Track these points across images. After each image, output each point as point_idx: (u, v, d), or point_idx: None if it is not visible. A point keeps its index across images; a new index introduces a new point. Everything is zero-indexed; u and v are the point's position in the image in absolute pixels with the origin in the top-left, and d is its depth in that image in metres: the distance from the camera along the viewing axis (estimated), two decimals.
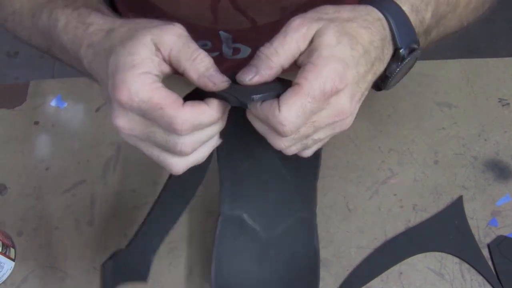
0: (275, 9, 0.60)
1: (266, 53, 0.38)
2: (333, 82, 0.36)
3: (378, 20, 0.41)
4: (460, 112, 0.75)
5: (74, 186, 0.72)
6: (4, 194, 0.72)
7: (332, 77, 0.36)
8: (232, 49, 0.68)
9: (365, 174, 0.70)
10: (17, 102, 0.79)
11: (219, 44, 0.67)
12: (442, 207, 0.68)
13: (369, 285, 0.63)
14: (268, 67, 0.38)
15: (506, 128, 0.73)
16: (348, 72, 0.37)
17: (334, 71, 0.37)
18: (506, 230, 0.66)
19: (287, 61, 0.38)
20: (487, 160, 0.71)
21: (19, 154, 0.75)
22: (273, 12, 0.60)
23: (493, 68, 0.79)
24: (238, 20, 0.61)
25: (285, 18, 0.61)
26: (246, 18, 0.61)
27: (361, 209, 0.68)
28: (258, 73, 0.38)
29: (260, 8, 0.59)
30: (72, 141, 0.75)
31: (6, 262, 0.64)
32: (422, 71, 0.78)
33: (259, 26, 0.62)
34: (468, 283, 0.63)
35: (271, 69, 0.38)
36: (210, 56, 0.38)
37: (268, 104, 0.37)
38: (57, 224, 0.69)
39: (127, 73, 0.35)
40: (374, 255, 0.65)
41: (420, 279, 0.63)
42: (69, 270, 0.66)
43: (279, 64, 0.38)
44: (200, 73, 0.37)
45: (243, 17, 0.60)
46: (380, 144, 0.73)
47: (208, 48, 0.69)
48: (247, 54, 0.69)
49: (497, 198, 0.68)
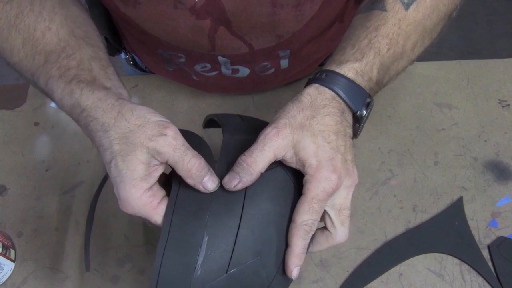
0: (271, 36, 0.62)
1: (247, 163, 0.44)
2: (328, 183, 0.44)
3: (332, 99, 0.47)
4: (460, 113, 0.75)
5: (74, 187, 0.72)
6: (4, 195, 0.72)
7: (327, 179, 0.44)
8: (231, 70, 0.70)
9: (365, 175, 0.70)
10: (17, 103, 0.79)
11: (218, 66, 0.69)
12: (442, 208, 0.68)
13: (369, 286, 0.63)
14: (249, 174, 0.44)
15: (506, 129, 0.73)
16: (336, 163, 0.45)
17: (327, 174, 0.44)
18: (506, 231, 0.66)
19: (265, 167, 0.45)
20: (487, 161, 0.71)
21: (19, 155, 0.75)
22: (270, 39, 0.63)
23: (493, 69, 0.79)
24: (236, 46, 0.63)
25: (281, 44, 0.63)
26: (243, 44, 0.63)
27: (361, 210, 0.68)
28: (241, 181, 0.44)
29: (257, 36, 0.62)
30: (72, 142, 0.75)
31: (6, 263, 0.64)
32: (422, 72, 0.78)
33: (256, 51, 0.64)
34: (468, 284, 0.63)
35: (252, 175, 0.44)
36: (209, 74, 0.41)
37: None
38: (57, 225, 0.69)
39: (129, 191, 0.43)
40: (374, 256, 0.65)
41: (420, 280, 0.63)
42: (69, 271, 0.66)
43: (258, 171, 0.45)
44: (196, 182, 0.44)
45: (240, 42, 0.62)
46: (380, 145, 0.73)
47: (207, 69, 0.70)
48: (246, 74, 0.71)
49: (497, 199, 0.68)
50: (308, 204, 0.45)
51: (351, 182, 0.47)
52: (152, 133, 0.43)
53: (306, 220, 0.45)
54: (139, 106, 0.45)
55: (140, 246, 0.67)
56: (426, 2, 0.53)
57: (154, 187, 0.45)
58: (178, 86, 0.79)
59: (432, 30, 0.55)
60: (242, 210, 0.44)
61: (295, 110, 0.46)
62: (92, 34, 0.54)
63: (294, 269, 0.46)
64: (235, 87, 0.75)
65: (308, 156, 0.45)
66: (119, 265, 0.66)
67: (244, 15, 0.57)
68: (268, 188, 0.46)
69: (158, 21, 0.59)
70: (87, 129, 0.46)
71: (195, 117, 0.77)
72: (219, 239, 0.43)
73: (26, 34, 0.51)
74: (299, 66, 0.74)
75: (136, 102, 0.76)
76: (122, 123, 0.44)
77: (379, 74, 0.50)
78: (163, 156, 0.43)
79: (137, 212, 0.44)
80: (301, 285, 0.64)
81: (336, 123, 0.46)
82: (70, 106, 0.47)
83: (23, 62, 0.52)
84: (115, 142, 0.44)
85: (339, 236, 0.47)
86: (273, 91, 0.78)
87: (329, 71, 0.49)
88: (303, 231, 0.45)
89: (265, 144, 0.45)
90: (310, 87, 0.48)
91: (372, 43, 0.50)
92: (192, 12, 0.57)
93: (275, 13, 0.58)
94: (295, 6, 0.58)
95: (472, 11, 2.00)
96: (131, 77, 0.82)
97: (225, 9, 0.57)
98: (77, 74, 0.48)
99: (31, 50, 0.51)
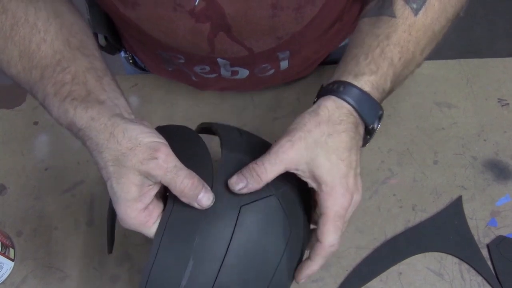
0: (271, 38, 0.62)
1: (257, 171, 0.45)
2: (345, 199, 0.46)
3: (350, 114, 0.48)
4: (460, 112, 0.75)
5: (73, 186, 0.72)
6: (3, 194, 0.72)
7: (343, 195, 0.46)
8: (231, 72, 0.70)
9: (365, 174, 0.70)
10: (16, 102, 0.79)
11: (218, 68, 0.69)
12: (442, 207, 0.68)
13: (368, 285, 0.63)
14: (257, 183, 0.45)
15: (506, 128, 0.73)
16: (349, 180, 0.46)
17: (342, 191, 0.46)
18: (505, 230, 0.66)
19: (273, 178, 0.45)
20: (486, 160, 0.71)
21: (19, 154, 0.75)
22: (269, 41, 0.63)
23: (493, 69, 0.79)
24: (235, 49, 0.63)
25: (281, 45, 0.63)
26: (243, 48, 0.63)
27: (361, 209, 0.68)
28: (247, 186, 0.45)
29: (257, 39, 0.62)
30: (72, 141, 0.75)
31: (6, 262, 0.64)
32: (422, 71, 0.78)
33: (256, 54, 0.64)
34: (468, 283, 0.63)
35: (259, 184, 0.45)
36: (209, 76, 0.41)
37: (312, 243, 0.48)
38: (57, 224, 0.69)
39: (124, 211, 0.44)
40: (373, 255, 0.65)
41: (419, 279, 0.63)
42: (69, 270, 0.66)
43: (266, 181, 0.45)
44: (191, 201, 0.44)
45: (240, 46, 0.62)
46: (379, 144, 0.73)
47: (206, 71, 0.70)
48: (245, 75, 0.71)
49: (497, 198, 0.68)
50: (332, 223, 0.46)
51: (359, 198, 0.48)
52: (143, 156, 0.43)
53: (332, 240, 0.46)
54: (132, 125, 0.45)
55: (139, 245, 0.67)
56: (434, 6, 0.53)
57: (150, 206, 0.45)
58: (178, 85, 0.79)
59: (440, 32, 0.55)
60: (231, 236, 0.44)
61: (312, 124, 0.46)
62: (87, 43, 0.54)
63: (303, 279, 0.48)
64: (235, 87, 0.75)
65: (323, 174, 0.45)
66: (119, 264, 0.66)
67: (244, 18, 0.57)
68: (260, 217, 0.45)
69: (157, 23, 0.59)
70: (85, 146, 0.47)
71: (195, 116, 0.77)
72: (205, 264, 0.43)
73: (22, 46, 0.51)
74: (299, 66, 0.74)
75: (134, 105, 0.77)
76: (114, 145, 0.44)
77: (391, 85, 0.51)
78: (155, 179, 0.44)
79: (133, 229, 0.45)
80: (301, 284, 0.63)
81: (351, 139, 0.47)
82: (66, 124, 0.48)
83: (21, 75, 0.52)
84: (109, 163, 0.44)
85: (328, 242, 0.48)
86: (273, 90, 0.78)
87: (347, 84, 0.48)
88: (330, 252, 0.46)
89: (277, 156, 0.45)
90: (327, 99, 0.48)
91: (384, 52, 0.50)
92: (191, 15, 0.57)
93: (275, 15, 0.58)
94: (296, 8, 0.57)
95: (472, 10, 2.00)
96: (131, 76, 0.82)
97: (225, 12, 0.56)
98: (71, 90, 0.48)
99: (28, 64, 0.51)
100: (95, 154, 0.45)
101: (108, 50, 0.75)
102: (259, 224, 0.45)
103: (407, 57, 0.52)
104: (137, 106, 0.78)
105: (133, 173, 0.43)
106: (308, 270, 0.48)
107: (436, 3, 0.53)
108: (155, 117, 0.77)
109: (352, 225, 0.67)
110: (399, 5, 0.52)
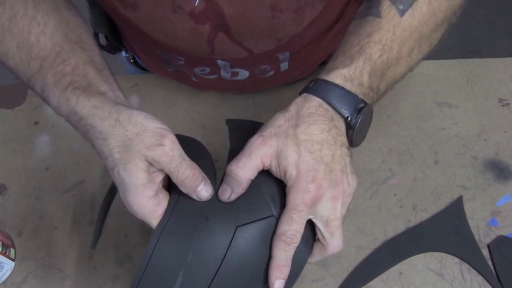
0: (270, 40, 0.62)
1: (234, 172, 0.45)
2: (308, 194, 0.44)
3: (319, 106, 0.47)
4: (460, 112, 0.75)
5: (74, 186, 0.72)
6: (4, 194, 0.72)
7: (306, 190, 0.44)
8: (231, 73, 0.70)
9: (365, 174, 0.70)
10: (17, 102, 0.79)
11: (218, 70, 0.69)
12: (442, 207, 0.68)
13: (369, 285, 0.63)
14: (239, 184, 0.45)
15: (506, 128, 0.73)
16: (316, 173, 0.45)
17: (305, 185, 0.44)
18: (506, 230, 0.66)
19: (254, 174, 0.46)
20: (487, 160, 0.71)
21: (19, 154, 0.75)
22: (269, 43, 0.63)
23: (493, 68, 0.79)
24: (235, 51, 0.63)
25: (280, 46, 0.63)
26: (243, 49, 0.63)
27: (361, 209, 0.68)
28: (233, 191, 0.46)
29: (256, 40, 0.62)
30: (72, 141, 0.75)
31: (6, 262, 0.64)
32: (422, 71, 0.78)
33: (256, 55, 0.64)
34: (468, 283, 0.63)
35: (242, 184, 0.45)
36: (209, 77, 0.41)
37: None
38: (57, 224, 0.69)
39: (135, 198, 0.44)
40: (374, 255, 0.65)
41: (420, 279, 0.63)
42: (69, 270, 0.66)
43: (247, 179, 0.45)
44: (190, 191, 0.45)
45: (239, 48, 0.62)
46: (380, 144, 0.73)
47: (206, 73, 0.70)
48: (245, 76, 0.71)
49: (497, 198, 0.68)
50: (287, 215, 0.45)
51: (337, 192, 0.46)
52: (150, 142, 0.44)
53: (285, 231, 0.45)
54: (136, 111, 0.45)
55: (140, 245, 0.67)
56: (422, 9, 0.53)
57: (160, 194, 0.45)
58: (178, 85, 0.79)
59: (429, 36, 0.55)
60: (223, 257, 0.44)
61: (281, 120, 0.47)
62: (85, 37, 0.54)
63: (275, 282, 0.45)
64: (235, 88, 0.75)
65: (288, 166, 0.45)
66: (119, 264, 0.66)
67: (244, 19, 0.57)
68: (256, 238, 0.45)
69: (157, 24, 0.59)
70: (87, 136, 0.47)
71: (195, 116, 0.77)
72: (199, 269, 0.44)
73: (20, 38, 0.51)
74: (299, 67, 0.74)
75: (135, 105, 0.77)
76: (120, 131, 0.44)
77: (371, 79, 0.50)
78: (160, 165, 0.44)
79: (142, 217, 0.45)
80: (301, 284, 0.64)
81: (321, 131, 0.46)
82: (67, 113, 0.48)
83: (19, 66, 0.52)
84: (115, 150, 0.44)
85: (331, 247, 0.47)
86: (273, 91, 0.78)
87: (317, 80, 0.49)
88: (283, 242, 0.45)
89: (251, 152, 0.45)
90: (299, 97, 0.49)
91: (363, 49, 0.50)
92: (191, 16, 0.57)
93: (274, 17, 0.58)
94: (295, 10, 0.58)
95: (472, 10, 2.00)
96: (131, 76, 0.82)
97: (224, 13, 0.57)
98: (72, 80, 0.48)
99: (26, 55, 0.51)
100: (99, 143, 0.45)
101: (109, 50, 0.75)
102: (254, 246, 0.45)
103: (390, 55, 0.51)
104: (137, 106, 0.78)
105: (140, 159, 0.43)
106: (273, 269, 0.46)
107: (424, 6, 0.53)
108: (156, 117, 0.77)
109: (353, 225, 0.67)
110: (385, 6, 0.52)
